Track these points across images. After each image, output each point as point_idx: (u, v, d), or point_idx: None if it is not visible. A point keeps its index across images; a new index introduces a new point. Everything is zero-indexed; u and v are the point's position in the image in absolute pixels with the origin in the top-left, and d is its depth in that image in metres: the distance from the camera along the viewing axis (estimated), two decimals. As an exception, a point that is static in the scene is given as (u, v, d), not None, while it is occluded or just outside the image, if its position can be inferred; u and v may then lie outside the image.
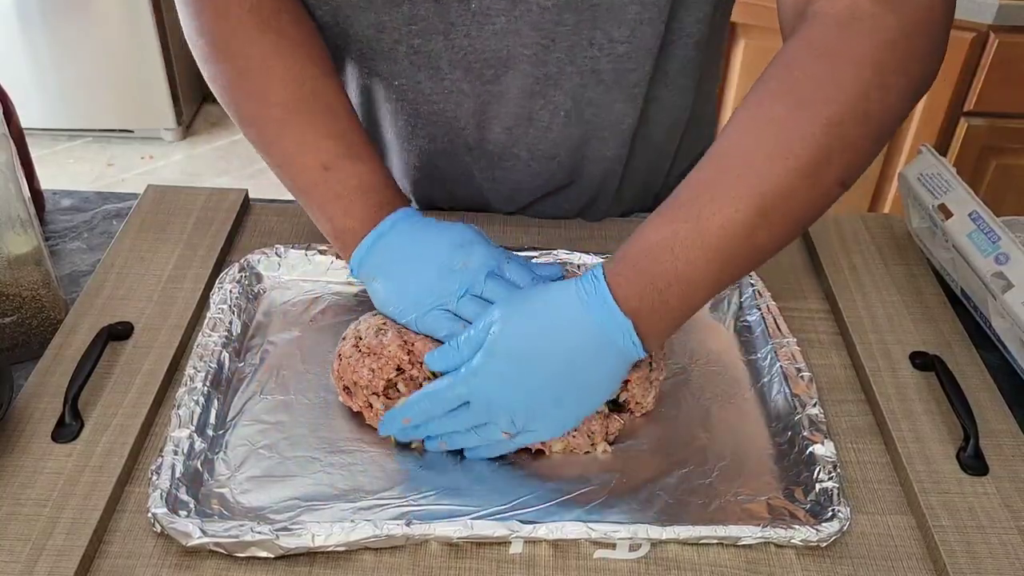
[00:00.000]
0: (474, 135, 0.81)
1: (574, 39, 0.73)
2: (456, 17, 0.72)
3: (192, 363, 0.67)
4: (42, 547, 0.56)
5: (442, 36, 0.73)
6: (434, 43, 0.74)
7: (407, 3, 0.72)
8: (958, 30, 1.63)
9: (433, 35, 0.74)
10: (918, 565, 0.58)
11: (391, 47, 0.75)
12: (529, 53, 0.74)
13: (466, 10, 0.72)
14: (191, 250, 0.80)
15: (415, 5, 0.72)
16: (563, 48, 0.74)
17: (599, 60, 0.75)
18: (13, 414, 0.64)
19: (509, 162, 0.83)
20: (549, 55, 0.74)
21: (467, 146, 0.82)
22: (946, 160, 0.80)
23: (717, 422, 0.67)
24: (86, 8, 2.61)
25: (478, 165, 0.84)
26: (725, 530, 0.58)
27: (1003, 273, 0.71)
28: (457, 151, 0.83)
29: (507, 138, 0.81)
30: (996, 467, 0.64)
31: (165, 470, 0.59)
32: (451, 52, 0.74)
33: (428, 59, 0.75)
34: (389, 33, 0.74)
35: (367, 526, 0.56)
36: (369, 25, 0.74)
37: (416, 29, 0.74)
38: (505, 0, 0.71)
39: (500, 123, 0.80)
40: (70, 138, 2.95)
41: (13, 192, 0.67)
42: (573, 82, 0.76)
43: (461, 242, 0.67)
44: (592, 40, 0.73)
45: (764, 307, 0.75)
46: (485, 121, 0.80)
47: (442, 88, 0.77)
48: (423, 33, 0.74)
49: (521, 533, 0.57)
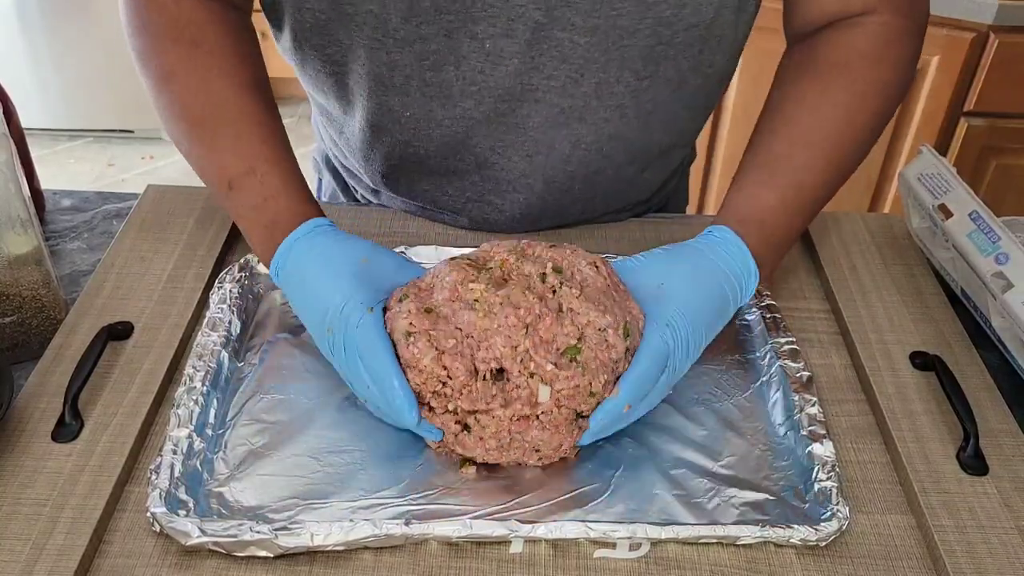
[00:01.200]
0: (487, 156, 0.80)
1: (601, 76, 0.73)
2: (468, 51, 0.72)
3: (191, 362, 0.67)
4: (42, 547, 0.56)
5: (453, 67, 0.73)
6: (446, 73, 0.74)
7: (419, 41, 0.72)
8: (958, 30, 1.64)
9: (445, 66, 0.73)
10: (918, 565, 0.58)
11: (403, 82, 0.75)
12: (557, 86, 0.74)
13: (479, 48, 0.72)
14: (191, 250, 0.80)
15: (427, 42, 0.72)
16: (591, 83, 0.74)
17: (624, 96, 0.75)
18: (13, 414, 0.64)
19: (521, 194, 0.82)
20: (577, 89, 0.74)
21: (477, 164, 0.81)
22: (946, 160, 0.80)
23: (716, 421, 0.67)
24: (86, 8, 2.61)
25: (486, 187, 0.83)
26: (724, 530, 0.58)
27: (1003, 273, 0.71)
28: (468, 171, 0.82)
29: (527, 166, 0.80)
30: (996, 467, 0.64)
31: (164, 469, 0.59)
32: (463, 83, 0.74)
33: (440, 89, 0.75)
34: (401, 70, 0.74)
35: (366, 525, 0.56)
36: (381, 64, 0.74)
37: (428, 64, 0.73)
38: (520, 44, 0.71)
39: (518, 151, 0.79)
40: (70, 138, 2.95)
41: (13, 192, 0.67)
42: (597, 116, 0.76)
43: (344, 278, 0.64)
44: (619, 78, 0.73)
45: (763, 306, 0.75)
46: (501, 148, 0.79)
47: (454, 114, 0.77)
48: (434, 67, 0.73)
49: (520, 533, 0.57)
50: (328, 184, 1.01)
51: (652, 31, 0.71)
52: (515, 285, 0.61)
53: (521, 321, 0.60)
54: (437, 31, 0.71)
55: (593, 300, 0.62)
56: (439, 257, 0.79)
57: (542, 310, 0.60)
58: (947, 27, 1.64)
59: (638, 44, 0.71)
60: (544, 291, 0.62)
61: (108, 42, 2.67)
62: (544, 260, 0.64)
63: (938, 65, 1.68)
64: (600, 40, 0.71)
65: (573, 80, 0.73)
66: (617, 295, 0.64)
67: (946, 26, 1.64)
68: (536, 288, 0.62)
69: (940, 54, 1.67)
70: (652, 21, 0.70)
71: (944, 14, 1.63)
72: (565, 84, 0.74)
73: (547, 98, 0.75)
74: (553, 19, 0.70)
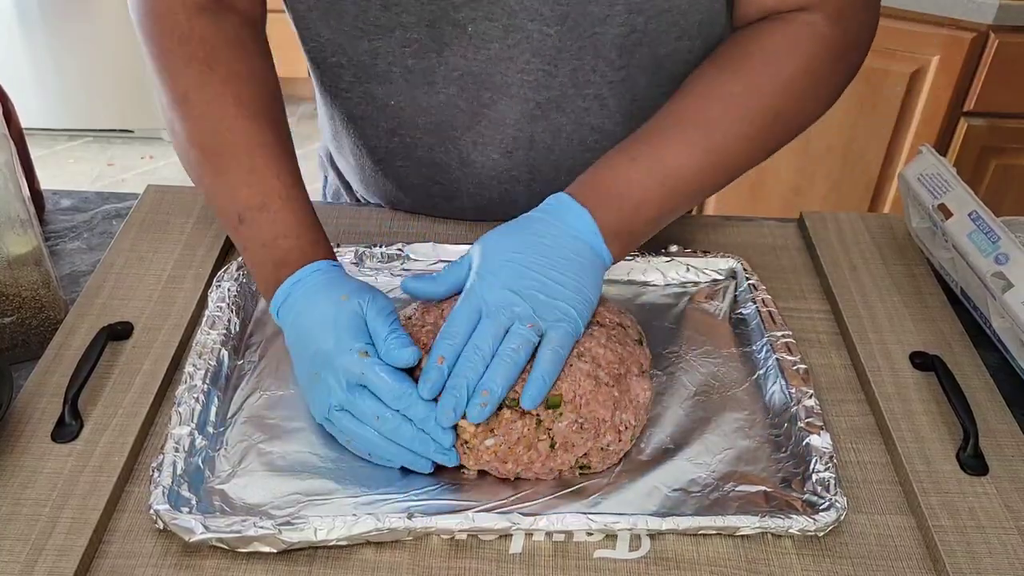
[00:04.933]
0: (469, 151, 0.80)
1: (576, 64, 0.73)
2: (451, 38, 0.72)
3: (191, 361, 0.67)
4: (42, 547, 0.56)
5: (435, 54, 0.73)
6: (428, 60, 0.74)
7: (400, 28, 0.71)
8: (958, 30, 1.64)
9: (428, 53, 0.73)
10: (918, 565, 0.58)
11: (385, 69, 0.75)
12: (531, 80, 0.73)
13: (462, 33, 0.71)
14: (191, 250, 0.80)
15: (408, 30, 0.71)
16: (566, 73, 0.73)
17: (601, 86, 0.75)
18: (13, 414, 0.64)
19: (507, 185, 0.82)
20: (552, 80, 0.74)
21: (461, 160, 0.81)
22: (946, 160, 0.80)
23: (714, 414, 0.68)
24: (86, 8, 2.61)
25: (471, 182, 0.83)
26: (724, 520, 0.58)
27: (1003, 273, 0.71)
28: (451, 164, 0.82)
29: (507, 162, 0.80)
30: (996, 467, 0.64)
31: (167, 467, 0.59)
32: (446, 68, 0.74)
33: (423, 75, 0.75)
34: (383, 57, 0.74)
35: (369, 519, 0.56)
36: (363, 52, 0.74)
37: (410, 51, 0.73)
38: (500, 28, 0.71)
39: (497, 148, 0.79)
40: (70, 138, 2.95)
41: (13, 192, 0.67)
42: (576, 105, 0.76)
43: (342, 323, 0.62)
44: (595, 67, 0.73)
45: (759, 300, 0.76)
46: (482, 143, 0.79)
47: (437, 101, 0.76)
48: (417, 54, 0.73)
49: (522, 525, 0.57)
50: (332, 182, 1.01)
51: (624, 19, 0.70)
52: (503, 436, 0.61)
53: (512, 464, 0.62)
54: (419, 20, 0.70)
55: (591, 423, 0.62)
56: (436, 255, 0.79)
57: (533, 456, 0.61)
58: (947, 27, 1.64)
59: (611, 32, 0.71)
60: (536, 437, 0.61)
61: (108, 42, 2.67)
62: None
63: (938, 65, 1.68)
64: (571, 29, 0.70)
65: (547, 73, 0.73)
66: (619, 387, 0.64)
67: (946, 26, 1.64)
68: (528, 437, 0.61)
69: (940, 54, 1.67)
70: (623, 8, 0.69)
71: (944, 14, 1.63)
72: (539, 78, 0.73)
73: (522, 93, 0.75)
74: (524, 7, 0.69)
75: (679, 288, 0.80)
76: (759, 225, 0.89)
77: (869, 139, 1.81)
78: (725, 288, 0.80)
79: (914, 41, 1.66)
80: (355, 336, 0.61)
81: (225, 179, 0.69)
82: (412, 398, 0.59)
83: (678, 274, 0.80)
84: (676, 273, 0.80)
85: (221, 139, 0.69)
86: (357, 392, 0.60)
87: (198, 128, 0.70)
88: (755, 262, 0.82)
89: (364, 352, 0.60)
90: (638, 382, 0.65)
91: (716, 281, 0.81)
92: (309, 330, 0.63)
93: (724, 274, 0.81)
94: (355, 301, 0.63)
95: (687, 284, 0.81)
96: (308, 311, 0.63)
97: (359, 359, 0.60)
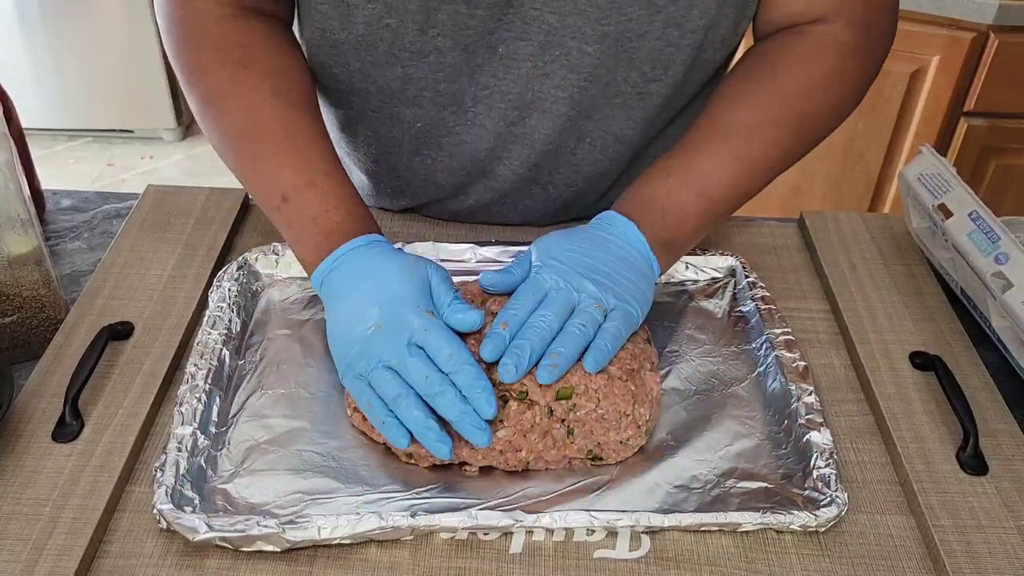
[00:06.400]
0: (494, 166, 0.80)
1: (609, 78, 0.73)
2: (483, 60, 0.72)
3: (193, 360, 0.67)
4: (42, 547, 0.56)
5: (467, 77, 0.74)
6: (460, 83, 0.74)
7: (434, 53, 0.72)
8: (958, 30, 1.64)
9: (459, 77, 0.74)
10: (918, 565, 0.59)
11: (416, 94, 0.75)
12: (565, 95, 0.74)
13: (492, 55, 0.72)
14: (191, 250, 0.80)
15: (443, 54, 0.72)
16: (599, 87, 0.74)
17: (630, 96, 0.75)
18: (13, 414, 0.64)
19: (526, 199, 0.83)
20: (585, 95, 0.74)
21: (483, 172, 0.81)
22: (946, 160, 0.80)
23: (714, 412, 0.68)
24: (86, 8, 2.61)
25: (488, 188, 0.83)
26: (725, 516, 0.58)
27: (1003, 273, 0.71)
28: (473, 180, 0.82)
29: (530, 172, 0.81)
30: (996, 467, 0.64)
31: (169, 467, 0.59)
32: (475, 88, 0.74)
33: (452, 97, 0.75)
34: (415, 83, 0.74)
35: (373, 518, 0.56)
36: (395, 78, 0.74)
37: (443, 75, 0.73)
38: (534, 46, 0.71)
39: (523, 162, 0.79)
40: (70, 138, 2.95)
41: (13, 192, 0.67)
42: (603, 114, 0.76)
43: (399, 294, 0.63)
44: (627, 78, 0.74)
45: (758, 297, 0.76)
46: (507, 156, 0.79)
47: (464, 120, 0.77)
48: (449, 77, 0.74)
49: (525, 523, 0.58)
50: None
51: (661, 33, 0.71)
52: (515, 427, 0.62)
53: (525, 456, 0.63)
54: (455, 44, 0.71)
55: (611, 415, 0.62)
56: (436, 254, 0.79)
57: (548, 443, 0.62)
58: (947, 27, 1.64)
59: (647, 46, 0.71)
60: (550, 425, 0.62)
61: (108, 42, 2.67)
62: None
63: (938, 65, 1.68)
64: (610, 46, 0.71)
65: (582, 89, 0.74)
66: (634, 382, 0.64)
67: (946, 26, 1.64)
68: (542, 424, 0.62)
69: (940, 54, 1.67)
70: (661, 23, 0.70)
71: (944, 14, 1.63)
72: (573, 94, 0.74)
73: (555, 108, 0.75)
74: (565, 25, 0.70)
75: (679, 286, 0.80)
76: (759, 225, 0.89)
77: (869, 139, 1.81)
78: (725, 286, 0.80)
79: (914, 41, 1.66)
80: (425, 296, 0.63)
81: (266, 163, 0.70)
82: (464, 362, 0.60)
83: (678, 272, 0.81)
84: (676, 271, 0.81)
85: (260, 126, 0.70)
86: (413, 351, 0.61)
87: (237, 117, 0.71)
88: (755, 262, 0.83)
89: (431, 312, 0.62)
90: (651, 377, 0.66)
91: (715, 279, 0.81)
92: (376, 288, 0.64)
93: (724, 272, 0.81)
94: (423, 266, 0.65)
95: (687, 282, 0.81)
96: (374, 272, 0.65)
97: (427, 317, 0.61)
